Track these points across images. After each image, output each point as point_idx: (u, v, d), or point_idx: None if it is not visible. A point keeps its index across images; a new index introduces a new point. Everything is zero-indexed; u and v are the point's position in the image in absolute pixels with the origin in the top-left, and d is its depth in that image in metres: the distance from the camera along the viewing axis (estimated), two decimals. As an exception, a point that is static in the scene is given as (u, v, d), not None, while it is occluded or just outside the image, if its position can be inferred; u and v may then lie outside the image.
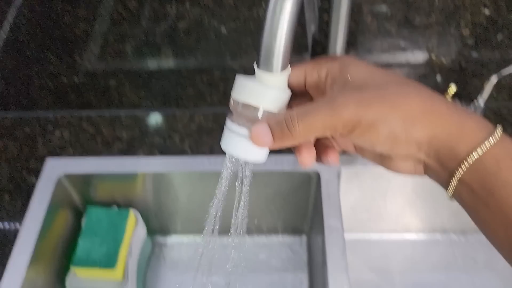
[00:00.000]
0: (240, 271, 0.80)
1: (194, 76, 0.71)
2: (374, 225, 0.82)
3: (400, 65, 0.69)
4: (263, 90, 0.32)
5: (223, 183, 0.37)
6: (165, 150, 0.72)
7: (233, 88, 0.33)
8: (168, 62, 0.69)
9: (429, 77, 0.70)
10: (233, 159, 0.35)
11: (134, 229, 0.73)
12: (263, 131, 0.31)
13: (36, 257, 0.64)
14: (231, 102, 0.33)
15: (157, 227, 0.83)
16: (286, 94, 0.33)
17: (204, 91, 0.73)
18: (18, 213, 0.67)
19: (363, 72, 0.31)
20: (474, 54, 0.66)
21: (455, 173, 0.29)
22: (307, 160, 0.33)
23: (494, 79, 0.61)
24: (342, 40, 0.59)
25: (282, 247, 0.83)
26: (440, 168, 0.30)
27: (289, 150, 0.34)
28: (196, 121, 0.75)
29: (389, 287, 0.78)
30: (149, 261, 0.83)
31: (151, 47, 0.67)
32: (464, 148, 0.28)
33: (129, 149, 0.72)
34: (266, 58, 0.32)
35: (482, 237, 0.88)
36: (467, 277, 0.79)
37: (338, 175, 0.68)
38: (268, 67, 0.32)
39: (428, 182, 0.72)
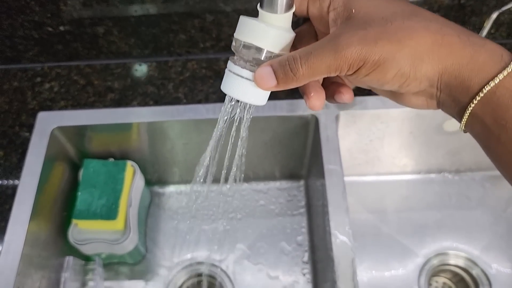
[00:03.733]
0: (239, 217, 0.81)
1: (186, 22, 0.68)
2: (371, 168, 0.83)
3: None
4: (267, 30, 0.31)
5: (220, 129, 0.36)
6: (159, 99, 0.70)
7: (236, 28, 0.32)
8: (157, 8, 0.66)
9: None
10: (233, 103, 0.34)
11: (133, 179, 0.73)
12: (267, 74, 0.30)
13: (36, 211, 0.64)
14: (234, 42, 0.32)
15: (155, 178, 0.83)
16: (290, 34, 0.32)
17: (196, 37, 0.71)
18: (15, 168, 0.66)
19: (367, 3, 0.30)
20: (474, -10, 0.65)
21: (467, 107, 0.28)
22: (316, 104, 0.32)
23: (494, 16, 0.59)
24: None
25: (280, 192, 0.84)
26: (452, 102, 0.29)
27: (286, 95, 0.33)
28: (189, 68, 0.73)
29: (386, 226, 0.80)
30: (149, 211, 0.83)
31: (139, -9, 0.64)
32: (476, 81, 0.27)
33: (122, 99, 0.71)
34: None
35: (475, 176, 0.89)
36: (461, 213, 0.81)
37: (337, 118, 0.68)
38: (272, 8, 0.31)
39: (424, 124, 0.72)
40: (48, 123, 0.69)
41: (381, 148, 0.77)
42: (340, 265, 0.57)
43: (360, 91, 0.70)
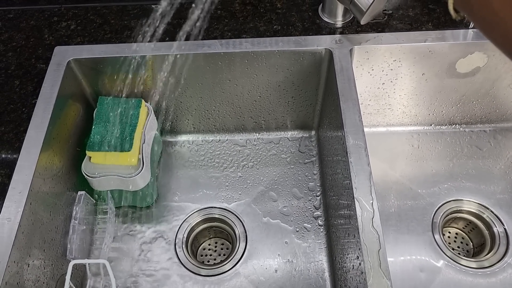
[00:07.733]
0: (251, 165, 0.81)
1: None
2: (382, 118, 0.83)
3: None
4: None
5: None
6: (175, 35, 0.71)
7: None
8: None
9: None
10: None
11: (147, 118, 0.73)
12: None
13: (49, 139, 0.64)
14: None
15: (167, 128, 0.83)
16: None
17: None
18: (30, 95, 0.66)
19: None
20: None
21: None
22: None
23: None
24: None
25: (292, 143, 0.84)
26: None
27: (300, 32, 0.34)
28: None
29: (397, 174, 0.80)
30: (160, 160, 0.83)
31: None
32: None
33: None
34: None
35: (486, 128, 0.89)
36: (473, 163, 0.81)
37: (351, 52, 0.68)
38: None
39: (436, 64, 0.72)
40: (64, 55, 0.69)
41: (393, 94, 0.78)
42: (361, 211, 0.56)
43: (373, 29, 0.71)
